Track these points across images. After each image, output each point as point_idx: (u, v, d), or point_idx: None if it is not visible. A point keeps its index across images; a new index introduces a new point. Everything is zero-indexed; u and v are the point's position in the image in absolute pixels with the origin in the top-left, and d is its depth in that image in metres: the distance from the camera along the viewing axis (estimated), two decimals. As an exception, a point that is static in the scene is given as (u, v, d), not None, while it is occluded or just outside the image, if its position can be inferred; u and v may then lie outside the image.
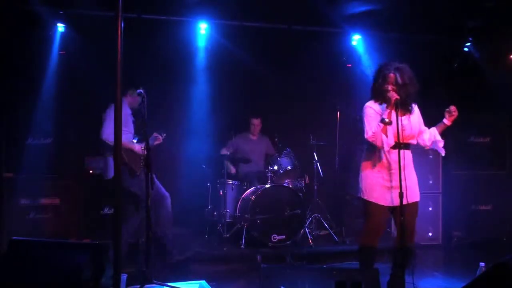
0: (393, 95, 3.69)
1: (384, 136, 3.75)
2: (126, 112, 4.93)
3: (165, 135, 5.10)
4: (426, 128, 4.02)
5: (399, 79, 3.76)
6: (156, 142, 5.03)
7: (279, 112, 6.88)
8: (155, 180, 5.08)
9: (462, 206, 6.33)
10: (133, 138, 5.00)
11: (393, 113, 3.70)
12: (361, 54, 6.76)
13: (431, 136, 3.99)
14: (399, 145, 3.69)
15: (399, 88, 3.74)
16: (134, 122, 5.03)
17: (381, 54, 6.35)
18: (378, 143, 3.77)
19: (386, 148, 3.78)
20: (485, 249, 5.75)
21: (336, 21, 6.18)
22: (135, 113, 5.05)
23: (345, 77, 6.92)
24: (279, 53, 6.59)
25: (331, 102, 6.41)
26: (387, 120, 3.71)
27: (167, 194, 5.14)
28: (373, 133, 3.77)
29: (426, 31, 6.38)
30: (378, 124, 3.75)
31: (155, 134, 5.02)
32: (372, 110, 3.87)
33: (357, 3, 5.75)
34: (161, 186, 5.13)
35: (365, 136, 3.83)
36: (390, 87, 3.75)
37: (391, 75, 3.77)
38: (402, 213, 3.60)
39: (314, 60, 6.60)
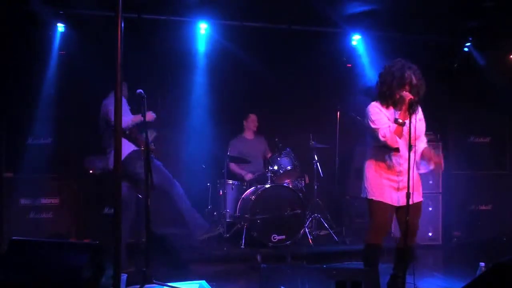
0: (408, 95, 3.59)
1: (397, 138, 3.66)
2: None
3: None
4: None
5: (414, 79, 3.66)
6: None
7: (279, 112, 6.88)
8: (162, 168, 5.14)
9: (462, 206, 6.34)
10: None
11: (404, 114, 3.62)
12: (361, 54, 6.76)
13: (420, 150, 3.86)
14: (410, 146, 3.57)
15: (412, 88, 3.66)
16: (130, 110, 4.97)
17: (381, 54, 6.35)
18: (393, 145, 3.67)
19: (402, 150, 3.68)
20: (485, 249, 5.75)
21: (336, 21, 6.18)
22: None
23: (345, 77, 6.92)
24: (279, 53, 6.59)
25: (331, 102, 6.41)
26: (400, 120, 3.62)
27: (174, 182, 5.21)
28: (384, 134, 3.67)
29: (426, 31, 6.38)
30: (390, 125, 3.67)
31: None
32: (377, 109, 3.77)
33: (357, 3, 5.75)
34: (166, 174, 5.15)
35: (381, 138, 3.68)
36: (407, 87, 3.64)
37: (407, 74, 3.65)
38: (409, 213, 3.55)
39: (314, 60, 6.60)
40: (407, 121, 3.60)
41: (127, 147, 4.84)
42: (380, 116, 3.75)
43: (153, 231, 4.28)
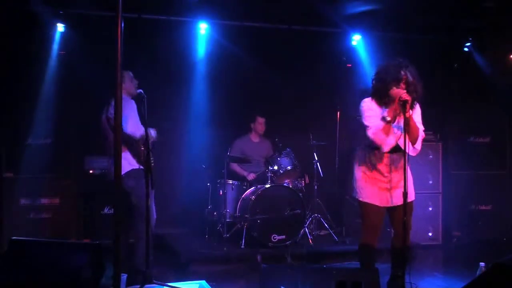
0: (400, 93, 3.56)
1: (384, 136, 3.67)
2: (134, 108, 4.34)
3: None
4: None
5: (409, 77, 3.64)
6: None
7: (279, 112, 6.87)
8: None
9: (462, 206, 6.34)
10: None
11: (393, 112, 3.62)
12: (361, 54, 6.76)
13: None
14: (405, 146, 3.56)
15: (408, 87, 3.63)
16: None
17: (381, 54, 6.36)
18: (379, 142, 3.68)
19: (386, 149, 3.70)
20: (485, 249, 5.76)
21: (336, 21, 6.19)
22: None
23: (345, 77, 6.92)
24: (279, 53, 6.59)
25: (331, 102, 6.41)
26: (388, 118, 3.61)
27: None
28: (373, 132, 3.68)
29: (426, 31, 6.39)
30: (379, 123, 3.66)
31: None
32: (369, 105, 3.78)
33: (357, 3, 5.75)
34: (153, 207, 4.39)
35: (368, 133, 3.71)
36: (403, 86, 3.62)
37: (403, 72, 3.63)
38: (405, 212, 3.54)
39: (314, 60, 6.60)
40: (401, 120, 3.57)
41: (129, 164, 4.33)
42: (372, 113, 3.75)
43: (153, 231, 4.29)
